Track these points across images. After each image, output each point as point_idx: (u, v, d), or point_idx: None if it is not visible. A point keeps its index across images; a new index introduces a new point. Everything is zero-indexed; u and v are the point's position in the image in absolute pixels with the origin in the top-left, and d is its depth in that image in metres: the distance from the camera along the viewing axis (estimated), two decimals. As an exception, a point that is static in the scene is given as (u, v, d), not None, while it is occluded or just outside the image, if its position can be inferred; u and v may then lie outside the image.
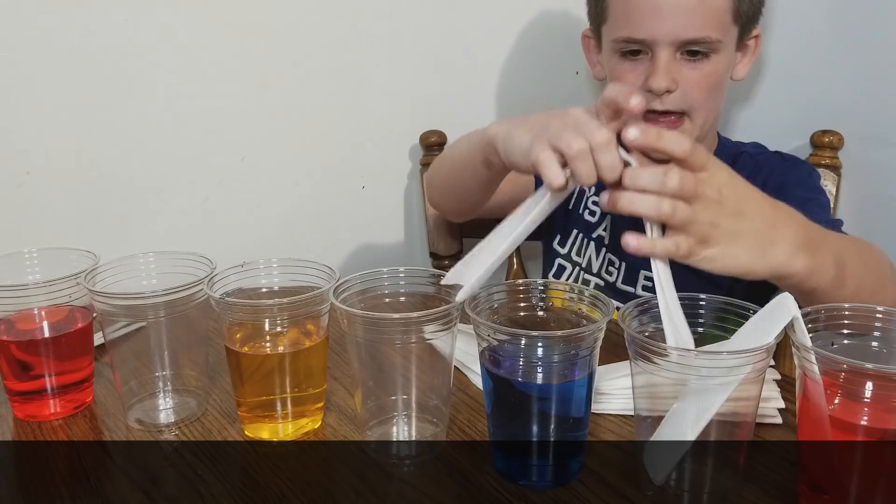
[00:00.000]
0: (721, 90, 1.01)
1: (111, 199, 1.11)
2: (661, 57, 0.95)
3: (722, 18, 0.95)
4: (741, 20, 0.98)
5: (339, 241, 1.29)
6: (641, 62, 0.98)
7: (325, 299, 0.72)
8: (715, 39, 0.95)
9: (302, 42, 1.18)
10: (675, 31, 0.94)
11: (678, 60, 0.96)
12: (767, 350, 0.59)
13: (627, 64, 0.99)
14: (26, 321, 0.79)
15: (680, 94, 0.97)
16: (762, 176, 1.03)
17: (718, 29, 0.95)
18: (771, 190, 0.99)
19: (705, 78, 0.97)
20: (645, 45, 0.97)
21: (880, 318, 0.63)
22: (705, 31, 0.94)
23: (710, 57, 0.96)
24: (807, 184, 1.02)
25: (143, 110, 1.10)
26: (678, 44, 0.95)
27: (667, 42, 0.95)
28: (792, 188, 1.00)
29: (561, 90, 1.38)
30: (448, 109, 1.31)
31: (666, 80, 0.95)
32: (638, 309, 0.66)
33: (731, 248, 0.66)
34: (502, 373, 0.65)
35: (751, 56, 1.04)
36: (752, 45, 1.03)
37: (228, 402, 0.81)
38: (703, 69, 0.97)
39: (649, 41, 0.96)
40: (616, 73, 1.01)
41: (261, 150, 1.20)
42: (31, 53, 1.02)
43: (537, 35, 1.35)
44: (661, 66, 0.95)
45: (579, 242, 1.13)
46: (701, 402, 0.60)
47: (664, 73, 0.95)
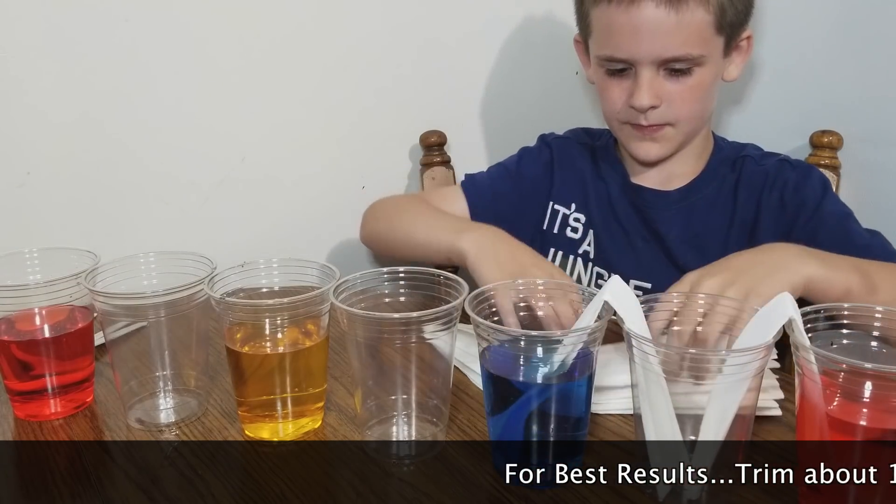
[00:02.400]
0: (709, 97, 1.01)
1: (112, 199, 1.11)
2: (643, 75, 0.95)
3: (703, 34, 0.94)
4: (726, 30, 0.96)
5: (339, 241, 1.29)
6: (626, 78, 0.98)
7: (325, 299, 0.72)
8: (697, 56, 0.94)
9: (302, 42, 1.18)
10: (655, 51, 0.94)
11: (661, 76, 0.96)
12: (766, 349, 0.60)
13: (613, 80, 1.00)
14: (27, 321, 0.79)
15: (665, 109, 0.97)
16: (777, 191, 1.01)
17: (700, 45, 0.94)
18: (793, 207, 1.01)
19: (690, 91, 0.97)
20: (627, 63, 0.97)
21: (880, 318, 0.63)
22: (686, 48, 0.93)
23: (694, 71, 0.96)
24: (828, 195, 1.00)
25: (144, 110, 1.10)
26: (660, 62, 0.95)
27: (648, 62, 0.95)
28: (821, 205, 0.99)
29: (560, 90, 1.38)
30: (448, 109, 1.31)
31: (649, 97, 0.95)
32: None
33: (764, 281, 0.73)
34: (502, 373, 0.65)
35: (744, 56, 1.03)
36: (745, 45, 1.02)
37: (229, 402, 0.81)
38: (687, 83, 0.96)
39: (630, 60, 0.96)
40: (602, 88, 1.02)
41: (261, 150, 1.19)
42: (32, 53, 1.02)
43: (537, 35, 1.35)
44: (644, 84, 0.95)
45: (559, 260, 1.13)
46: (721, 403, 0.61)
47: (647, 91, 0.95)
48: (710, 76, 0.98)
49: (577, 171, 1.12)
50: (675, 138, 1.00)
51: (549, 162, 1.14)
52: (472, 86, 1.33)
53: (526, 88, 1.36)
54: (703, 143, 1.07)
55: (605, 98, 1.02)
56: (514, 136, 1.21)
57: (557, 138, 1.17)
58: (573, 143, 1.15)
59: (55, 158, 1.06)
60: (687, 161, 1.06)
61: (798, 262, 0.77)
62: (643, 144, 1.01)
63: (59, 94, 1.05)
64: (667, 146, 1.01)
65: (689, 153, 1.05)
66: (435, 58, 1.28)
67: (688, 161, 1.06)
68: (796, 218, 0.98)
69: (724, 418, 0.61)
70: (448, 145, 1.29)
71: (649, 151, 1.01)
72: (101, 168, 1.09)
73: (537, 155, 1.15)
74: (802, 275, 0.76)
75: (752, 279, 0.74)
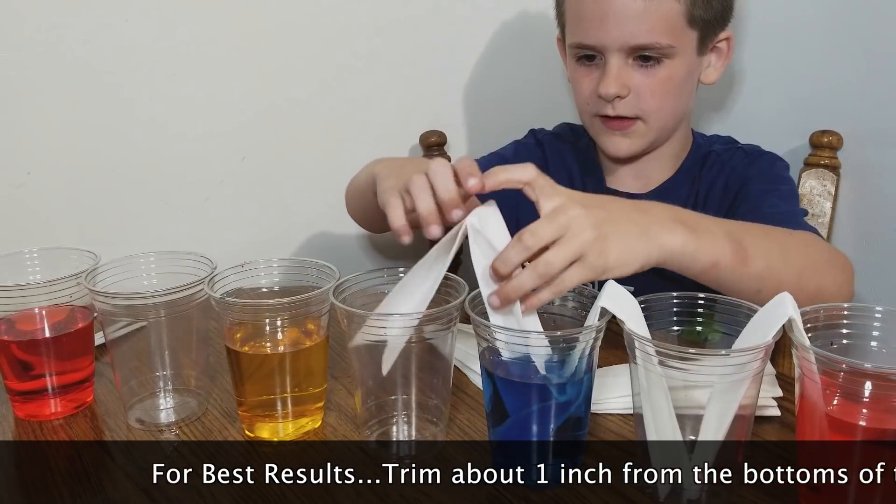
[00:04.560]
0: (682, 94, 1.00)
1: (112, 199, 1.11)
2: (611, 63, 0.95)
3: (673, 24, 0.94)
4: (698, 24, 0.96)
5: (339, 241, 1.29)
6: (596, 67, 0.98)
7: (326, 299, 0.72)
8: (665, 45, 0.94)
9: (302, 42, 1.18)
10: (622, 37, 0.94)
11: (630, 66, 0.96)
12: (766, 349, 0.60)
13: (583, 69, 1.00)
14: (27, 321, 0.79)
15: (632, 100, 0.97)
16: (724, 176, 1.02)
17: (669, 34, 0.94)
18: (733, 190, 0.99)
19: (660, 84, 0.96)
20: (597, 51, 0.97)
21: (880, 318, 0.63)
22: (653, 36, 0.94)
23: (664, 62, 0.96)
24: (768, 176, 1.01)
25: (144, 110, 1.10)
26: (628, 49, 0.95)
27: (615, 48, 0.95)
28: (751, 182, 0.99)
29: (559, 90, 1.38)
30: (448, 109, 1.31)
31: (615, 86, 0.95)
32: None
33: (623, 245, 0.68)
34: (502, 373, 0.65)
35: (724, 59, 1.03)
36: (724, 47, 1.02)
37: (229, 402, 0.81)
38: (656, 75, 0.96)
39: (599, 47, 0.96)
40: (574, 77, 1.03)
41: (261, 150, 1.20)
42: (32, 53, 1.02)
43: (537, 35, 1.35)
44: (612, 72, 0.95)
45: None
46: (720, 403, 0.61)
47: (614, 79, 0.95)
48: (682, 71, 0.97)
49: (566, 170, 1.12)
50: (645, 135, 1.00)
51: (542, 158, 1.14)
52: (472, 86, 1.33)
53: (526, 88, 1.36)
54: (681, 145, 1.07)
55: (576, 90, 1.02)
56: (513, 136, 1.21)
57: (547, 135, 1.17)
58: (562, 140, 1.15)
59: (55, 158, 1.06)
60: (663, 163, 1.06)
61: (665, 231, 0.71)
62: (613, 139, 1.01)
63: (59, 94, 1.05)
64: (638, 142, 1.01)
65: (665, 155, 1.05)
66: (435, 58, 1.29)
67: (664, 163, 1.06)
68: (734, 200, 0.99)
69: (723, 418, 0.61)
70: (448, 145, 1.29)
71: (619, 147, 1.01)
72: (102, 168, 1.09)
73: (532, 150, 1.15)
74: (662, 248, 0.71)
75: (610, 238, 0.68)
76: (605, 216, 0.68)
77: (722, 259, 0.74)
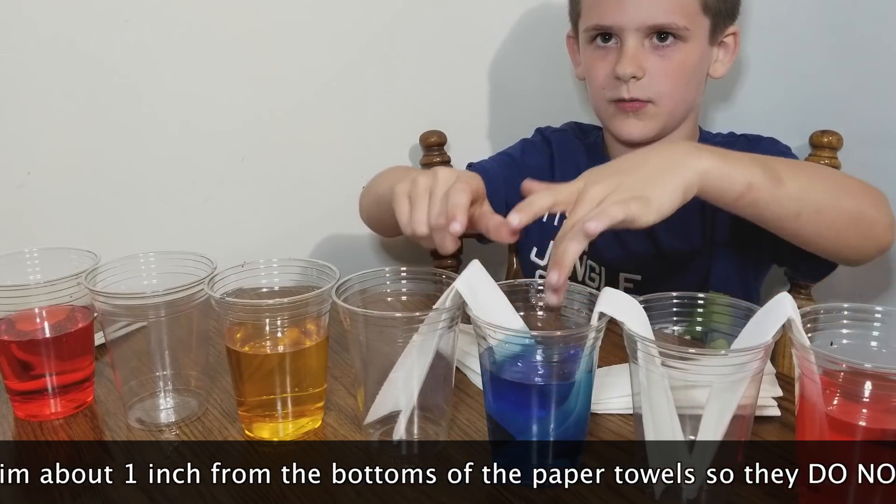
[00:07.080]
0: (694, 83, 1.03)
1: (112, 199, 1.11)
2: (628, 44, 0.98)
3: (688, 6, 0.98)
4: (710, 12, 0.99)
5: (339, 241, 1.29)
6: (612, 50, 1.01)
7: (326, 299, 0.72)
8: (682, 26, 0.97)
9: (302, 42, 1.18)
10: (639, 16, 0.97)
11: (646, 48, 0.98)
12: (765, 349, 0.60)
13: (599, 53, 1.02)
14: (27, 321, 0.79)
15: (647, 82, 0.99)
16: None
17: (684, 16, 0.97)
18: None
19: (674, 67, 0.99)
20: (614, 32, 0.99)
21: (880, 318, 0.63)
22: (670, 16, 0.96)
23: (679, 45, 0.98)
24: (771, 154, 1.01)
25: (144, 110, 1.10)
26: (644, 30, 0.97)
27: (633, 28, 0.97)
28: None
29: (560, 90, 1.38)
30: (448, 109, 1.31)
31: (632, 66, 0.97)
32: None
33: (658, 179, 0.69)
34: (502, 373, 0.65)
35: (730, 54, 1.05)
36: (731, 43, 1.05)
37: (229, 402, 0.81)
38: (671, 58, 0.99)
39: (616, 28, 0.98)
40: (589, 63, 1.04)
41: (261, 150, 1.20)
42: (32, 53, 1.02)
43: (537, 35, 1.35)
44: (628, 52, 0.98)
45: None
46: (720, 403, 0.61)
47: (630, 60, 0.98)
48: (695, 57, 1.00)
49: (574, 165, 1.12)
50: (656, 117, 1.01)
51: (550, 156, 1.15)
52: (471, 86, 1.33)
53: (526, 88, 1.36)
54: (688, 138, 1.09)
55: (591, 76, 1.04)
56: (513, 136, 1.21)
57: (555, 132, 1.18)
58: (570, 137, 1.17)
59: (55, 158, 1.06)
60: None
61: (691, 157, 0.72)
62: (627, 122, 1.02)
63: (60, 94, 1.05)
64: (650, 124, 1.02)
65: None
66: (435, 58, 1.29)
67: None
68: None
69: (722, 418, 0.61)
70: (448, 145, 1.29)
71: (632, 129, 1.02)
72: (102, 168, 1.09)
73: (539, 147, 1.16)
74: (695, 170, 0.71)
75: (637, 181, 0.69)
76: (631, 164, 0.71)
77: (755, 180, 0.74)
